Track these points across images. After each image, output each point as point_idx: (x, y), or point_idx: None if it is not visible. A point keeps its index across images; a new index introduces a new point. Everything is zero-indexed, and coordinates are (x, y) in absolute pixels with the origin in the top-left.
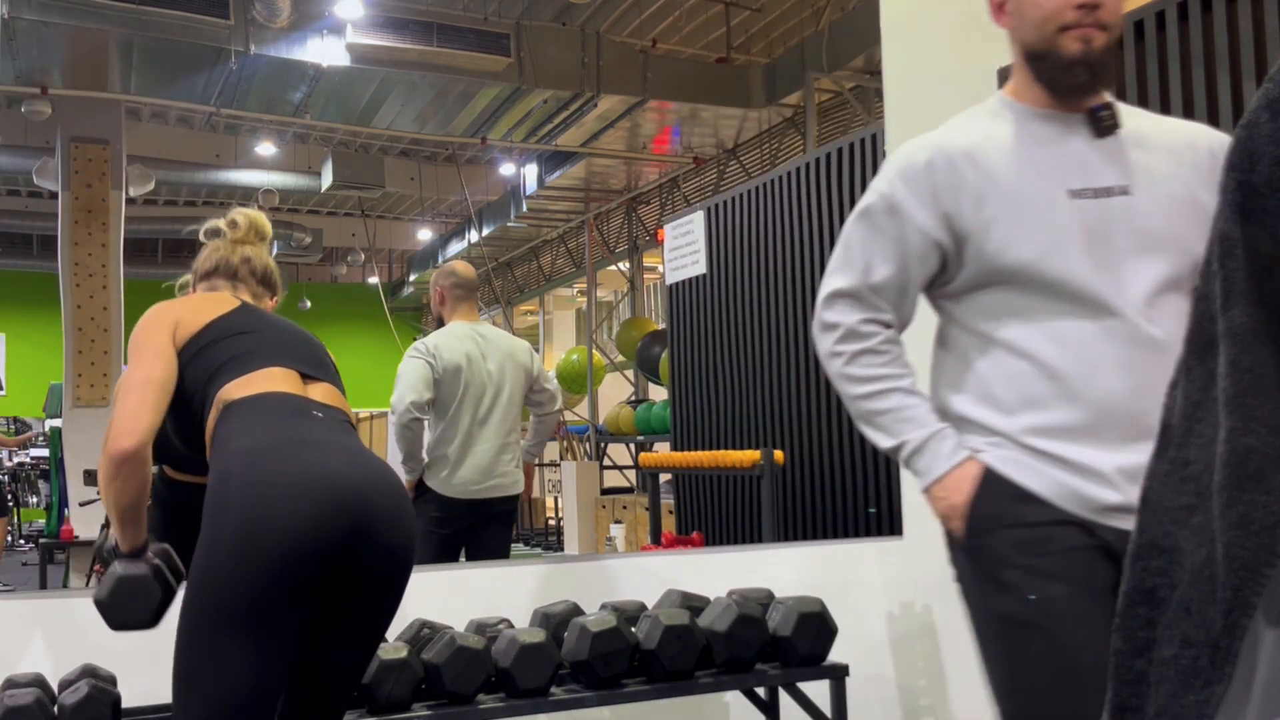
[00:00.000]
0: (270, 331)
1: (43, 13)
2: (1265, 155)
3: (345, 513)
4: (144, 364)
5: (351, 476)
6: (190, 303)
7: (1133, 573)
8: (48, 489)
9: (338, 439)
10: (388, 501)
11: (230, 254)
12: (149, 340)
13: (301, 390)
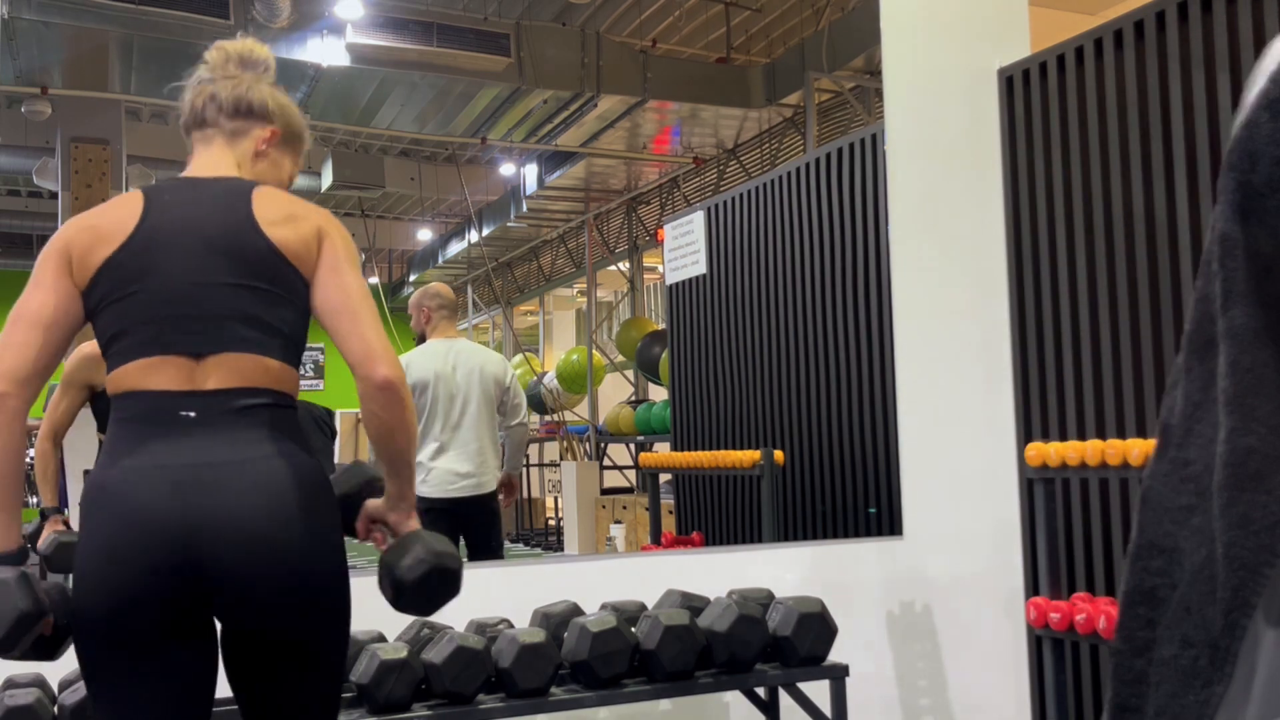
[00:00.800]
0: (157, 280)
1: (43, 13)
2: (1265, 155)
3: (165, 565)
4: (27, 291)
5: (180, 518)
6: (87, 221)
7: (1132, 572)
8: None
9: (190, 455)
10: (237, 538)
11: (195, 97)
12: (38, 267)
13: (180, 378)
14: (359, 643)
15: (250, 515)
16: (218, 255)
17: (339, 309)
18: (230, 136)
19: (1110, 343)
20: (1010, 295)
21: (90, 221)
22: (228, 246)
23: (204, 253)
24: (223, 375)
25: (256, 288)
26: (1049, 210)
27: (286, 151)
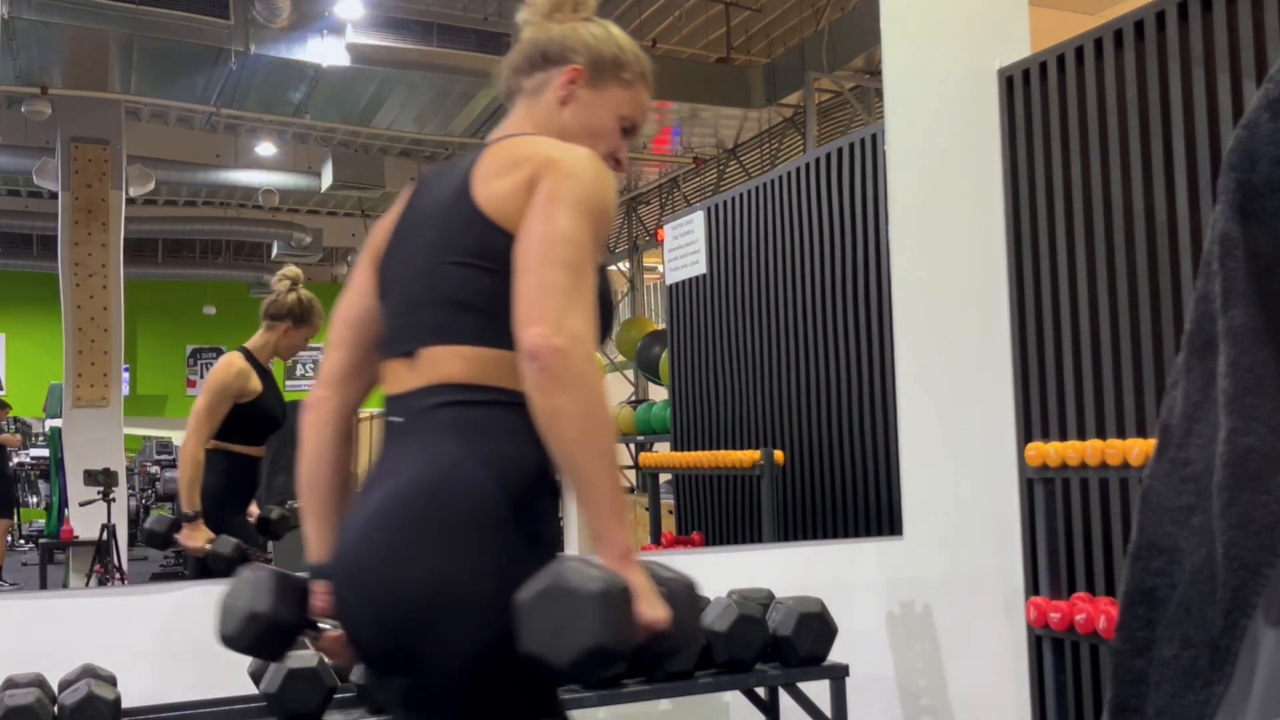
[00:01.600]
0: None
1: (43, 13)
2: (1265, 155)
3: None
4: (341, 295)
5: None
6: (381, 224)
7: (1133, 573)
8: (47, 489)
9: (379, 468)
10: (342, 569)
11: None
12: (356, 266)
13: (396, 382)
14: None
15: (353, 544)
16: (431, 233)
17: (523, 261)
18: (529, 96)
19: (1110, 343)
20: (1010, 295)
21: (386, 219)
22: (440, 220)
23: (423, 234)
24: (421, 373)
25: (462, 263)
26: (1049, 210)
27: (602, 86)
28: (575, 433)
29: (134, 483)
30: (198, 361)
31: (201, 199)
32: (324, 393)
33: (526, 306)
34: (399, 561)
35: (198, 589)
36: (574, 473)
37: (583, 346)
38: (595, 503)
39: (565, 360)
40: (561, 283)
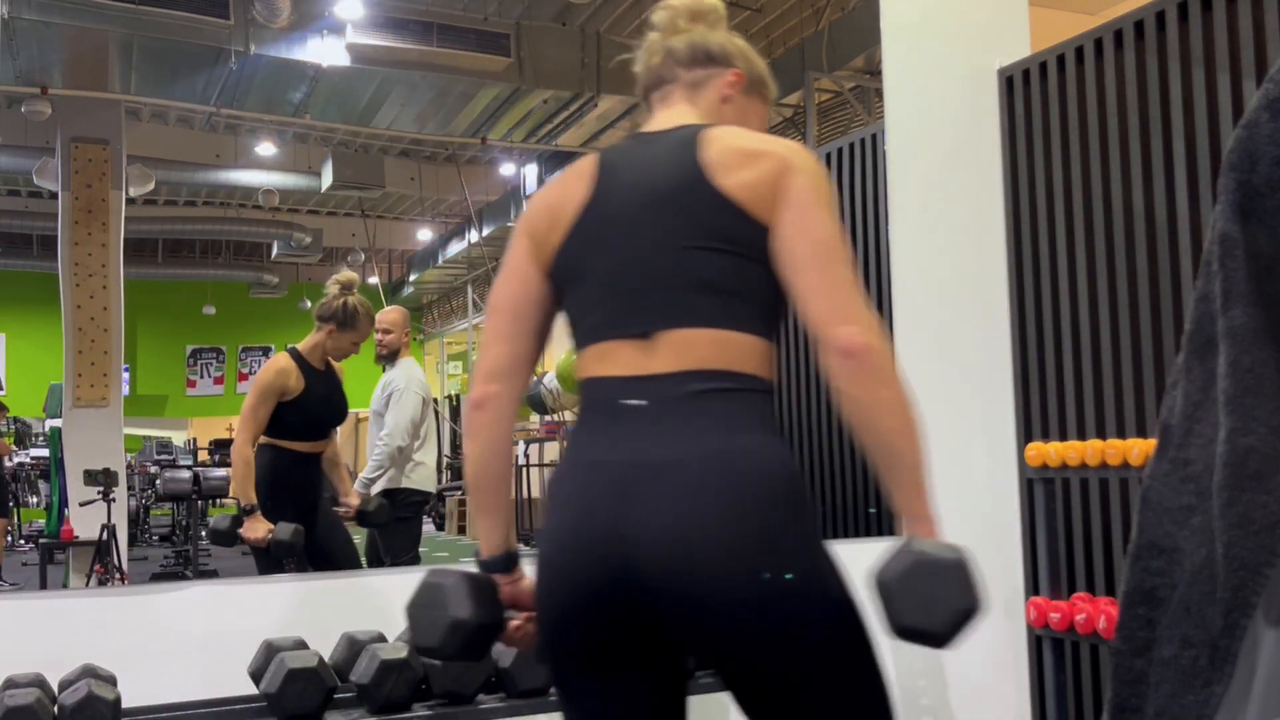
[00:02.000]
0: (606, 254)
1: (43, 13)
2: (1265, 155)
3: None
4: (498, 282)
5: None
6: (543, 200)
7: (1133, 573)
8: (47, 489)
9: (627, 454)
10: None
11: (650, 58)
12: (509, 255)
13: (628, 363)
14: (359, 642)
15: (686, 524)
16: (666, 216)
17: (804, 260)
18: (690, 88)
19: (1110, 343)
20: (1010, 295)
21: (548, 200)
22: (676, 203)
23: (652, 216)
24: (673, 356)
25: (712, 248)
26: (1049, 210)
27: (753, 97)
28: (897, 422)
29: (134, 483)
30: (198, 361)
31: (201, 199)
32: (493, 388)
33: (830, 304)
34: (773, 546)
35: (198, 589)
36: (893, 458)
37: (886, 342)
38: (915, 485)
39: (883, 356)
40: (852, 282)
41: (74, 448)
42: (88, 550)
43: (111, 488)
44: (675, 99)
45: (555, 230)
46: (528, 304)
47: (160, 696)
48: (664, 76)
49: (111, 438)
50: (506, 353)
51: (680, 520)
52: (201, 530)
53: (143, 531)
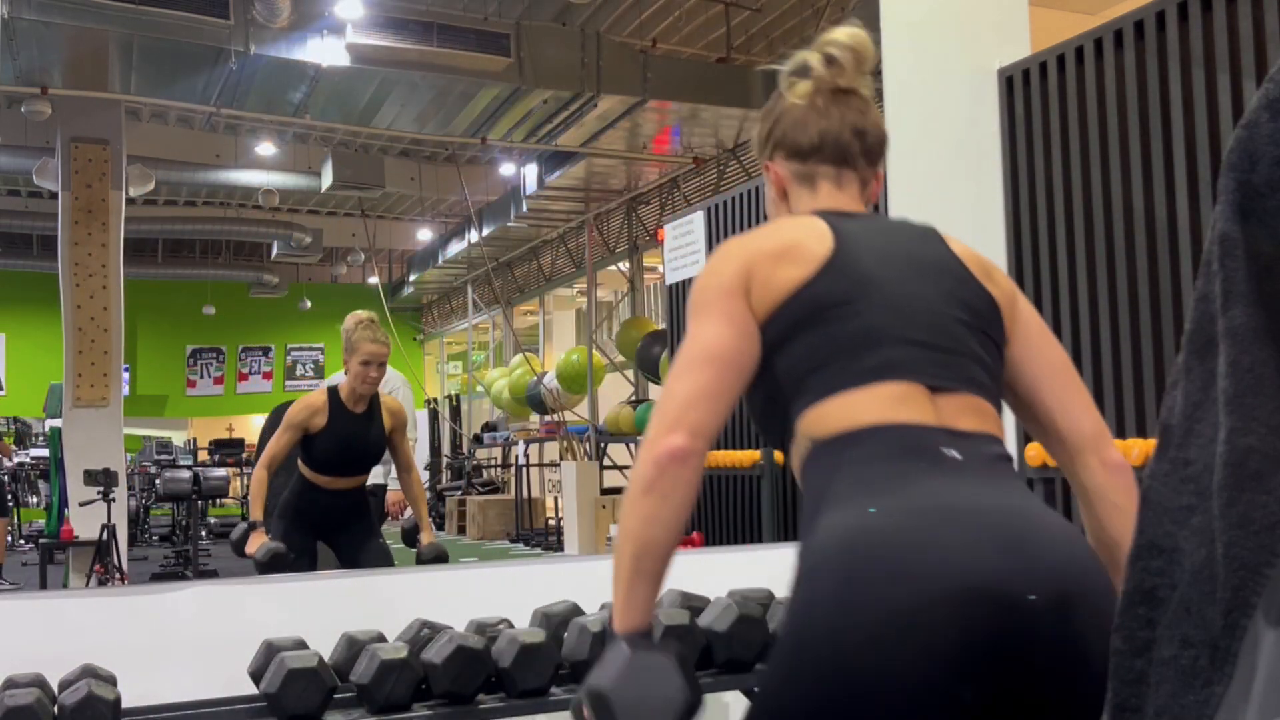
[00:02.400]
0: (880, 296)
1: (43, 13)
2: (1265, 155)
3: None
4: (707, 327)
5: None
6: (767, 242)
7: (1133, 573)
8: (48, 489)
9: (992, 499)
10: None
11: (836, 120)
12: (718, 298)
13: (927, 411)
14: (359, 642)
15: (1089, 571)
16: (941, 289)
17: (1064, 377)
18: (862, 185)
19: (1110, 343)
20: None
21: (768, 246)
22: (949, 283)
23: (927, 283)
24: (970, 416)
25: (982, 331)
26: (1049, 210)
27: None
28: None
29: (134, 483)
30: (198, 361)
31: (201, 199)
32: (698, 444)
33: (1097, 423)
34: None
35: (198, 589)
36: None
37: None
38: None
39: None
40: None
41: (74, 448)
42: (88, 550)
43: (111, 488)
44: (851, 190)
45: (783, 275)
46: (749, 357)
47: (160, 696)
48: (846, 157)
49: (111, 438)
50: (718, 411)
51: (1085, 569)
52: (202, 530)
53: (143, 531)
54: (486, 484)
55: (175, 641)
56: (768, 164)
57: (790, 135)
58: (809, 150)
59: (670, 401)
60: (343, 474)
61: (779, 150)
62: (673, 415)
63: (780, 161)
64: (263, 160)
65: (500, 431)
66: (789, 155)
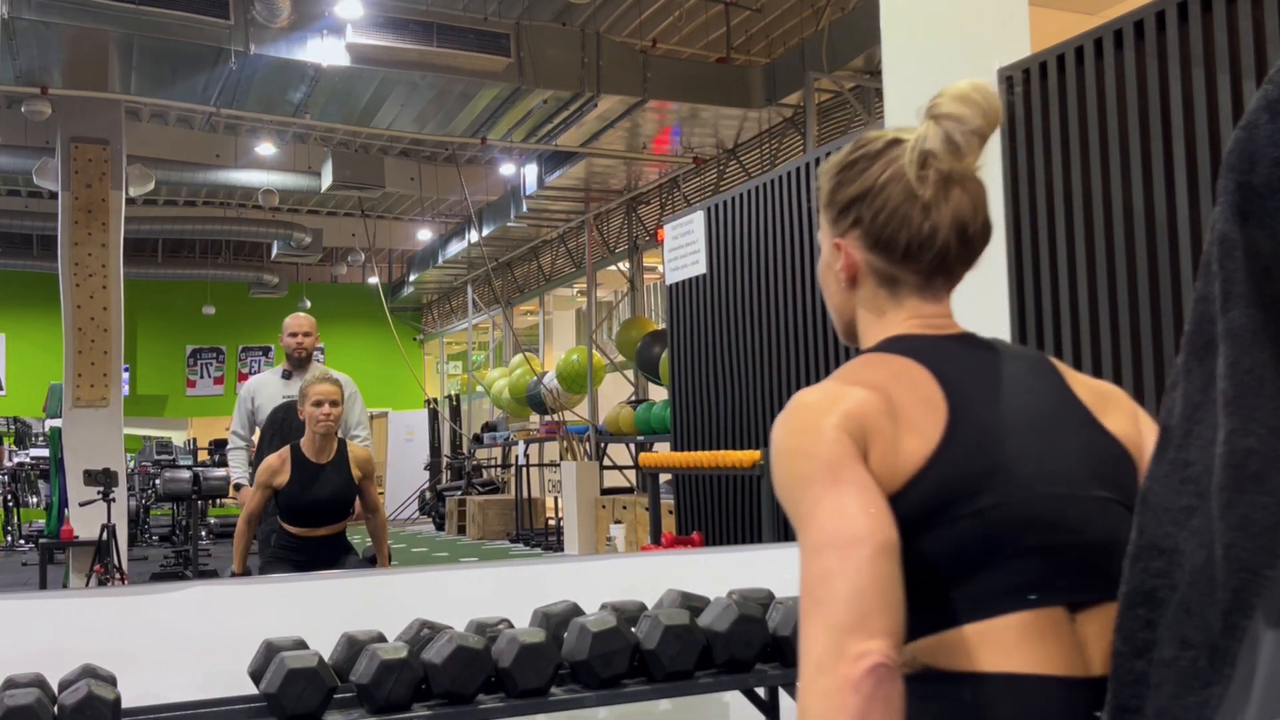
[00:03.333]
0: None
1: (43, 13)
2: (1264, 157)
3: None
4: (843, 502)
5: None
6: (871, 396)
7: (1132, 574)
8: (48, 489)
9: None
10: None
11: (944, 219)
12: (838, 458)
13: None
14: (359, 642)
15: None
16: (1071, 460)
17: None
18: (950, 289)
19: (1110, 342)
20: (1010, 295)
21: (874, 403)
22: (1079, 446)
23: (1056, 453)
24: (1106, 642)
25: (1116, 500)
26: (1049, 210)
27: None
28: None
29: (134, 483)
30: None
31: (201, 199)
32: (888, 649)
33: None
34: None
35: (198, 589)
36: None
37: None
38: None
39: None
40: None
41: (74, 448)
42: (88, 550)
43: (111, 488)
44: (940, 296)
45: (906, 443)
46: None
47: (160, 696)
48: (943, 267)
49: (111, 438)
50: (899, 605)
51: None
52: (202, 530)
53: (143, 531)
54: (486, 484)
55: (175, 641)
56: (839, 241)
57: (881, 227)
58: (901, 254)
59: (836, 604)
60: (314, 525)
61: (861, 234)
62: (850, 618)
63: (857, 246)
64: (263, 160)
65: (500, 431)
66: (873, 247)
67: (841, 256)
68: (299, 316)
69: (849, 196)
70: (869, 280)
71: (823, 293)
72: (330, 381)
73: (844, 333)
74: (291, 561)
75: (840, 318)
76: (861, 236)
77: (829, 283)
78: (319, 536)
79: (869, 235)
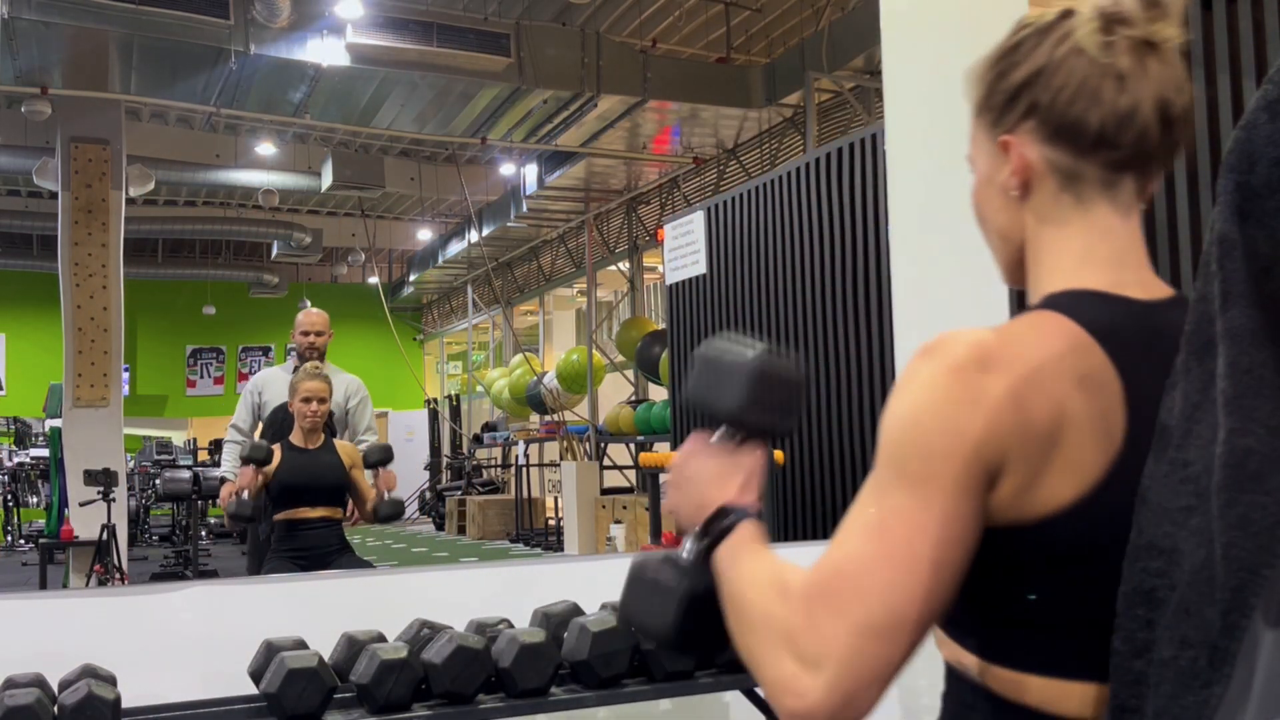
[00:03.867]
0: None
1: (43, 13)
2: (1264, 156)
3: None
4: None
5: None
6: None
7: (1131, 573)
8: (48, 489)
9: None
10: None
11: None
12: (952, 467)
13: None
14: (359, 642)
15: None
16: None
17: None
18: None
19: None
20: (1011, 295)
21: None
22: None
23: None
24: None
25: None
26: None
27: None
28: None
29: (134, 483)
30: (198, 361)
31: (201, 199)
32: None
33: None
34: None
35: (198, 589)
36: None
37: None
38: None
39: None
40: None
41: (74, 448)
42: (88, 550)
43: (111, 488)
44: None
45: (1059, 485)
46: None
47: (160, 696)
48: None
49: (111, 438)
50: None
51: None
52: (202, 530)
53: (143, 531)
54: (486, 484)
55: (175, 641)
56: (1007, 139)
57: (1064, 108)
58: (1093, 139)
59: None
60: (308, 504)
61: (1037, 125)
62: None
63: (1032, 140)
64: (263, 160)
65: (500, 431)
66: (1053, 137)
67: (1011, 158)
68: (311, 313)
69: (1017, 81)
70: (1047, 183)
71: (980, 225)
72: (320, 379)
73: (1009, 267)
74: (290, 557)
75: (1006, 245)
76: (1038, 127)
77: (989, 204)
78: (315, 521)
79: (1048, 123)
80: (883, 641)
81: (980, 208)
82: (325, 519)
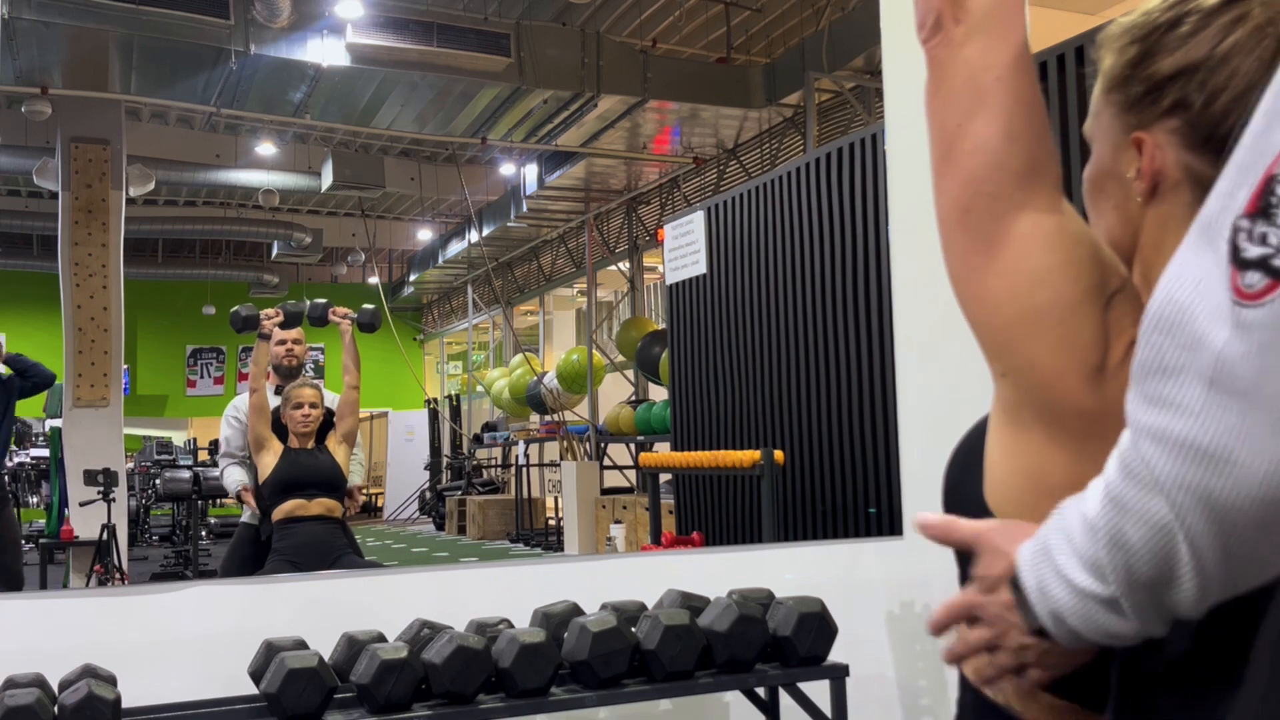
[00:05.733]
0: None
1: (43, 13)
2: None
3: None
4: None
5: None
6: None
7: None
8: (48, 489)
9: None
10: None
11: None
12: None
13: None
14: (359, 642)
15: None
16: None
17: None
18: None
19: None
20: None
21: None
22: None
23: None
24: None
25: None
26: None
27: None
28: None
29: (134, 483)
30: (198, 361)
31: (201, 199)
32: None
33: None
34: None
35: (198, 589)
36: None
37: None
38: None
39: None
40: None
41: (74, 448)
42: (88, 550)
43: (111, 488)
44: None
45: None
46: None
47: (160, 696)
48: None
49: (111, 438)
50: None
51: None
52: (202, 530)
53: (143, 531)
54: (486, 484)
55: (175, 641)
56: (1142, 135)
57: (1218, 117)
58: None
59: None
60: (306, 494)
61: (1181, 126)
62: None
63: (1171, 143)
64: (263, 160)
65: (500, 431)
66: (1200, 145)
67: (1144, 157)
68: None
69: (1165, 72)
70: (1180, 193)
71: (1089, 209)
72: (311, 385)
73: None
74: (290, 556)
75: (1116, 249)
76: (1182, 129)
77: (1107, 196)
78: (314, 518)
79: (1197, 128)
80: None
81: (1091, 195)
82: (323, 516)
